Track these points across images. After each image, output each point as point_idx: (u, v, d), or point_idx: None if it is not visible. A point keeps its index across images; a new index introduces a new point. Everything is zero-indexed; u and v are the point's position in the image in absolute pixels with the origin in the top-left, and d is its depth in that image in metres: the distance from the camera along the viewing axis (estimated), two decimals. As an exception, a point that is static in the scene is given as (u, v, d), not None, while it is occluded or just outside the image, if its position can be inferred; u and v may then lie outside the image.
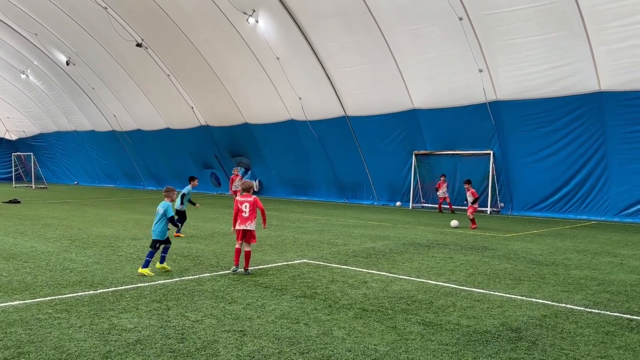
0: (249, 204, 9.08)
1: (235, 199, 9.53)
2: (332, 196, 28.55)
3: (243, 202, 9.10)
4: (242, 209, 9.06)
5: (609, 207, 19.62)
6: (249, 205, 9.08)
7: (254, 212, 9.14)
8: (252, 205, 9.09)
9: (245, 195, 9.25)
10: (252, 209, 9.09)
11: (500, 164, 22.19)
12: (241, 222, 9.03)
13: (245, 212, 9.03)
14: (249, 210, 9.05)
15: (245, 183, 9.49)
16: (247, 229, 9.02)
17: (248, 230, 9.03)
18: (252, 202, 9.10)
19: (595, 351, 5.51)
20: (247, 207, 9.06)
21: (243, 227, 9.01)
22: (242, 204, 9.09)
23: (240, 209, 9.07)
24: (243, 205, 9.08)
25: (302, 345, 5.50)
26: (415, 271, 9.59)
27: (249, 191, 9.31)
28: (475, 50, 20.30)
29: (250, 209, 9.05)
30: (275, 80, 27.24)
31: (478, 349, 5.53)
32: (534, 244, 13.27)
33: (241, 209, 9.07)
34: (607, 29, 17.47)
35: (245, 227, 9.01)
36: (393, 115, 24.55)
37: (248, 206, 9.07)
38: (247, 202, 9.09)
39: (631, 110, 18.39)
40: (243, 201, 9.11)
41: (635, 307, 7.32)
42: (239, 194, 9.36)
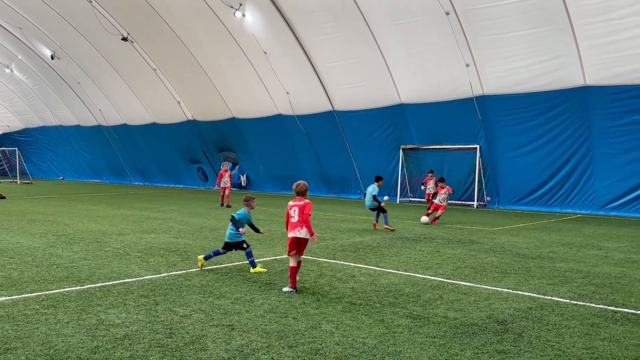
0: (298, 209, 7.88)
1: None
2: (320, 191, 28.56)
3: (292, 207, 7.95)
4: (291, 214, 7.95)
5: (593, 200, 19.85)
6: (298, 209, 7.88)
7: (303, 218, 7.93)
8: (301, 210, 7.89)
9: (297, 199, 8.02)
10: (301, 213, 7.90)
11: (486, 158, 22.34)
12: (290, 228, 7.88)
13: (294, 217, 7.86)
14: (298, 214, 7.86)
15: (299, 185, 8.13)
16: (299, 237, 7.78)
17: (301, 238, 7.79)
18: (301, 207, 7.86)
19: (580, 343, 5.59)
20: (296, 211, 7.88)
21: (293, 234, 7.80)
22: (292, 209, 7.96)
23: (289, 215, 7.97)
24: (292, 209, 7.94)
25: (291, 339, 5.52)
26: (402, 265, 9.65)
27: (303, 195, 8.07)
28: (462, 45, 20.38)
29: (299, 214, 7.87)
30: (262, 74, 27.15)
31: (465, 341, 5.59)
32: (520, 238, 13.40)
33: (290, 214, 7.96)
34: (592, 24, 17.62)
35: (295, 234, 7.80)
36: (380, 109, 24.60)
37: (297, 211, 7.88)
38: (297, 206, 7.89)
39: (615, 105, 18.60)
40: (293, 205, 7.97)
41: (619, 299, 7.42)
42: (291, 202, 8.06)
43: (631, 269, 9.60)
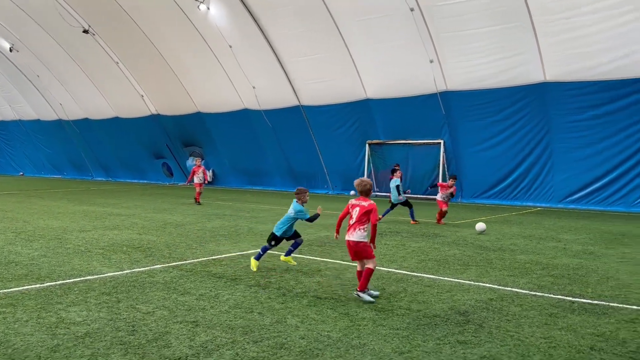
0: (359, 209, 7.10)
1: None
2: (287, 185, 28.54)
3: (355, 206, 7.18)
4: (351, 213, 7.20)
5: (553, 194, 20.39)
6: (359, 210, 7.09)
7: (362, 220, 7.09)
8: (362, 213, 7.08)
9: (361, 198, 7.25)
10: (361, 215, 7.09)
11: (450, 153, 22.69)
12: (348, 229, 7.17)
13: (353, 219, 7.13)
14: (357, 216, 7.09)
15: (363, 183, 7.30)
16: (353, 240, 7.07)
17: (355, 242, 7.05)
18: (364, 209, 7.08)
19: (539, 332, 5.74)
20: (356, 212, 7.11)
21: (347, 237, 7.13)
22: (353, 208, 7.18)
23: (349, 214, 7.24)
24: (354, 209, 7.17)
25: (256, 334, 5.52)
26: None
27: (368, 194, 7.27)
28: (426, 41, 20.62)
29: (359, 215, 7.09)
30: (228, 69, 26.92)
31: (427, 332, 5.69)
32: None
33: (350, 213, 7.21)
34: (552, 21, 18.05)
35: (348, 237, 7.12)
36: (347, 104, 24.70)
37: (358, 212, 7.10)
38: (359, 206, 7.13)
39: (573, 100, 19.12)
40: (355, 204, 7.19)
41: (577, 289, 7.65)
42: (353, 200, 7.32)
43: (588, 260, 9.91)
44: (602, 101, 18.72)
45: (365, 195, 7.27)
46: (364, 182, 7.30)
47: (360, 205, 7.13)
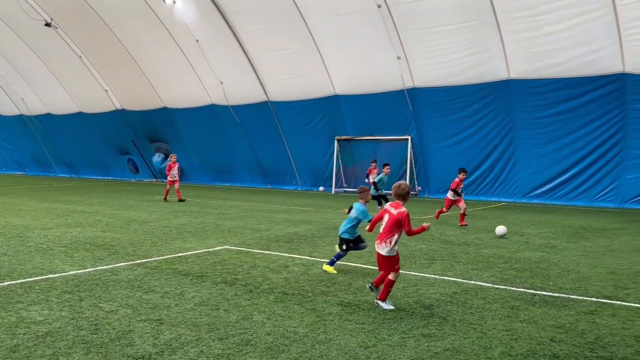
0: (388, 218, 6.31)
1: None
2: (255, 182, 28.43)
3: (384, 213, 6.43)
4: (382, 219, 6.47)
5: (517, 189, 20.81)
6: (388, 219, 6.31)
7: (392, 231, 6.28)
8: (391, 222, 6.26)
9: (396, 203, 6.41)
10: (391, 225, 6.26)
11: (417, 148, 22.93)
12: (378, 238, 6.39)
13: (382, 227, 6.36)
14: (385, 226, 6.29)
15: (400, 187, 6.45)
16: (381, 254, 6.36)
17: (383, 256, 6.36)
18: (395, 217, 6.25)
19: (501, 325, 5.86)
20: (385, 220, 6.37)
21: (376, 250, 6.39)
22: (384, 214, 6.42)
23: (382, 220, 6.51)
24: (385, 215, 6.40)
25: (222, 331, 5.49)
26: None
27: (404, 199, 6.41)
28: (393, 38, 20.76)
29: (387, 226, 6.28)
30: (195, 63, 26.62)
31: (392, 326, 5.74)
32: (448, 225, 13.87)
33: (382, 219, 6.48)
34: (516, 19, 18.39)
35: (378, 250, 6.36)
36: (315, 100, 24.71)
37: (387, 221, 6.31)
38: (389, 214, 6.33)
39: (537, 98, 19.55)
40: (386, 211, 6.42)
41: (538, 282, 7.83)
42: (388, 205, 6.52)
43: (550, 253, 10.15)
44: (564, 98, 19.19)
45: (402, 199, 6.41)
46: (400, 185, 6.44)
47: (389, 213, 6.31)
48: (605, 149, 19.09)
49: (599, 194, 19.32)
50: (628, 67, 17.70)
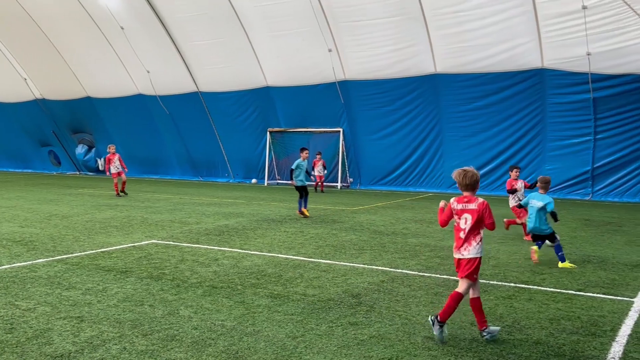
0: (471, 216, 5.11)
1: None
2: (186, 174, 27.86)
3: (462, 213, 5.16)
4: (458, 225, 5.19)
5: (443, 180, 21.51)
6: (471, 218, 5.10)
7: (477, 230, 5.14)
8: (475, 217, 5.10)
9: (466, 197, 5.21)
10: (475, 223, 5.10)
11: (349, 141, 23.21)
12: (456, 244, 5.23)
13: (465, 231, 5.11)
14: (470, 225, 5.10)
15: (467, 174, 5.21)
16: (465, 258, 5.15)
17: (469, 259, 5.14)
18: (476, 212, 5.10)
19: (425, 311, 6.04)
20: (468, 221, 5.11)
21: (458, 255, 5.21)
22: (461, 215, 5.17)
23: (457, 226, 5.22)
24: (462, 217, 5.16)
25: (146, 327, 5.35)
26: (267, 246, 9.74)
27: (474, 189, 5.19)
28: (324, 30, 20.86)
29: (472, 224, 5.10)
30: (120, 52, 25.68)
31: (321, 316, 5.80)
32: (378, 216, 14.15)
33: (458, 224, 5.21)
34: (441, 14, 18.92)
35: (461, 255, 5.18)
36: (247, 92, 24.47)
37: (470, 220, 5.10)
38: (469, 212, 5.13)
39: (462, 92, 20.26)
40: (462, 210, 5.17)
41: (460, 269, 8.13)
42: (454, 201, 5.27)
43: (472, 241, 10.54)
44: (487, 92, 19.97)
45: (472, 190, 5.20)
46: (468, 173, 5.20)
47: (469, 211, 5.12)
48: (525, 141, 20.04)
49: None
50: (546, 63, 18.63)
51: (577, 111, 18.89)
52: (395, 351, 4.86)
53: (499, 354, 4.83)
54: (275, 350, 4.83)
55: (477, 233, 5.15)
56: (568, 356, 4.81)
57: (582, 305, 6.36)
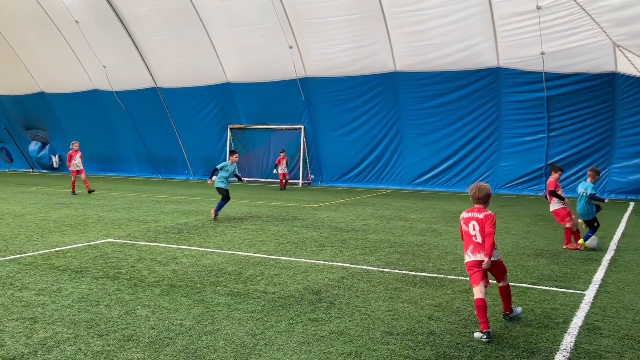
0: (477, 224, 5.57)
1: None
2: (144, 172, 27.35)
3: (470, 220, 5.63)
4: (469, 232, 5.63)
5: (403, 176, 21.78)
6: (478, 225, 5.56)
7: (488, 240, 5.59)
8: (482, 226, 5.55)
9: (476, 208, 5.67)
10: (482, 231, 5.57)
11: (310, 138, 23.22)
12: (474, 249, 5.57)
13: (476, 236, 5.58)
14: (479, 231, 5.57)
15: (480, 189, 5.69)
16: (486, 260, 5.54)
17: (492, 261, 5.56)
18: (481, 222, 5.55)
19: (384, 306, 6.12)
20: (476, 227, 5.57)
21: (478, 258, 5.52)
22: (469, 223, 5.63)
23: (467, 232, 5.65)
24: (470, 224, 5.62)
25: (102, 328, 5.24)
26: (227, 244, 9.67)
27: (485, 203, 5.68)
28: (285, 27, 20.79)
29: (480, 230, 5.57)
30: (75, 46, 24.99)
31: (281, 313, 5.80)
32: (339, 213, 14.22)
33: (467, 231, 5.64)
34: (400, 13, 19.12)
35: (476, 259, 5.55)
36: (207, 87, 24.18)
37: (478, 226, 5.56)
38: (476, 219, 5.59)
39: (421, 90, 20.53)
40: (470, 218, 5.64)
41: (419, 265, 8.26)
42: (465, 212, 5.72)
43: (430, 237, 10.74)
44: (445, 90, 20.30)
45: (483, 204, 5.68)
46: (480, 188, 5.72)
47: (476, 219, 5.59)
48: (482, 138, 20.47)
49: (477, 181, 20.68)
50: (502, 62, 19.06)
51: (531, 109, 19.41)
52: (355, 346, 4.90)
53: (455, 347, 4.93)
54: (235, 348, 4.81)
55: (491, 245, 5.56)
56: (522, 348, 4.96)
57: (536, 298, 6.55)
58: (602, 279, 7.49)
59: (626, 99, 18.01)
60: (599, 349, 4.93)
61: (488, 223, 5.53)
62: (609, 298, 6.57)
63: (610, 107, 18.44)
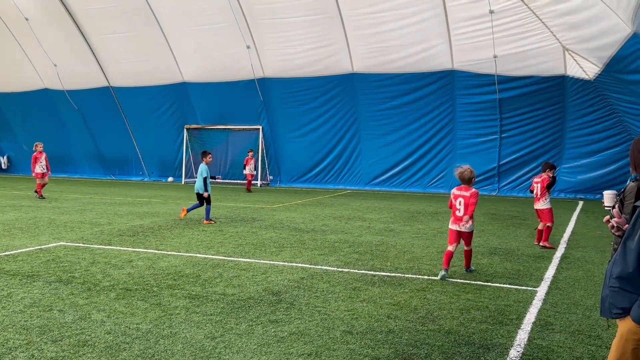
0: (463, 200, 7.45)
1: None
2: (96, 173, 26.69)
3: (458, 197, 7.53)
4: (455, 206, 7.52)
5: (361, 177, 21.97)
6: (463, 201, 7.45)
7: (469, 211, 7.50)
8: (467, 202, 7.44)
9: (463, 187, 7.58)
10: (467, 206, 7.46)
11: (269, 138, 23.16)
12: (454, 220, 7.54)
13: (460, 210, 7.45)
14: (464, 207, 7.43)
15: (463, 171, 7.60)
16: (463, 231, 7.51)
17: (464, 232, 7.53)
18: (466, 198, 7.44)
19: (343, 306, 6.16)
20: (461, 203, 7.46)
21: (456, 228, 7.51)
22: (457, 199, 7.53)
23: (453, 205, 7.56)
24: (457, 200, 7.51)
25: (55, 333, 5.09)
26: (184, 246, 9.53)
27: (469, 183, 7.58)
28: (242, 27, 20.66)
29: (465, 207, 7.44)
30: (24, 44, 24.19)
31: (241, 315, 5.76)
32: (298, 213, 14.23)
33: (454, 205, 7.53)
34: (358, 15, 19.29)
35: (458, 228, 7.49)
36: (162, 87, 23.79)
37: (463, 203, 7.45)
38: (462, 197, 7.49)
39: (378, 91, 20.77)
40: (458, 195, 7.54)
41: (378, 264, 8.35)
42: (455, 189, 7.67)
43: (389, 237, 10.87)
44: (402, 92, 20.59)
45: (467, 183, 7.56)
46: (463, 170, 7.56)
47: (463, 196, 7.50)
48: (437, 139, 20.85)
49: (432, 181, 21.08)
50: (456, 64, 19.46)
51: (485, 111, 19.89)
52: (315, 347, 4.92)
53: (413, 345, 5.01)
54: (194, 351, 4.75)
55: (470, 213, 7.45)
56: (478, 344, 5.08)
57: (490, 295, 6.72)
58: (553, 276, 7.75)
59: (575, 101, 18.67)
60: (552, 344, 5.10)
61: (472, 197, 7.46)
62: (560, 294, 6.80)
63: (560, 109, 19.09)
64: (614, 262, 3.05)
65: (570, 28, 16.16)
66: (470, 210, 7.40)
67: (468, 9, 17.97)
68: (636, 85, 14.35)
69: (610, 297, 3.02)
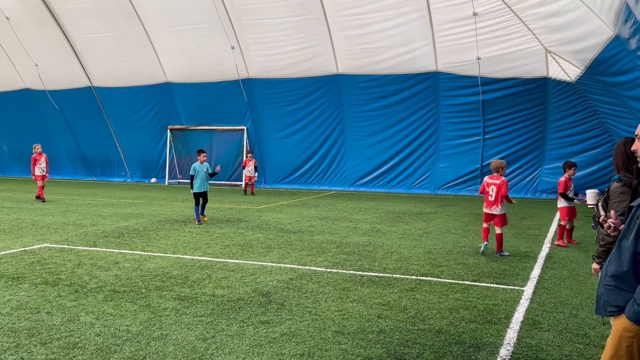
0: (495, 188, 8.91)
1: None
2: (78, 174, 26.39)
3: (490, 185, 9.02)
4: (488, 192, 9.00)
5: (346, 178, 22.02)
6: (495, 189, 8.91)
7: (500, 197, 8.92)
8: (497, 188, 8.88)
9: (494, 176, 9.03)
10: (498, 192, 8.89)
11: (253, 139, 23.09)
12: (487, 205, 9.02)
13: (492, 196, 8.95)
14: (495, 192, 8.90)
15: (495, 161, 9.18)
16: (495, 214, 8.96)
17: (496, 215, 8.95)
18: (498, 186, 8.88)
19: (333, 306, 6.17)
20: (493, 190, 8.93)
21: (489, 211, 9.01)
22: (489, 187, 9.02)
23: (486, 192, 9.04)
24: (490, 187, 9.00)
25: (44, 335, 5.03)
26: (171, 247, 9.47)
27: (498, 171, 9.01)
28: (227, 27, 20.58)
29: (496, 192, 8.88)
30: (5, 43, 23.85)
31: (231, 316, 5.75)
32: (284, 214, 14.21)
33: (487, 191, 9.02)
34: (343, 16, 19.33)
35: (491, 211, 8.99)
36: (145, 87, 23.59)
37: (495, 190, 8.91)
38: (494, 185, 8.94)
39: (363, 92, 20.83)
40: (490, 183, 9.04)
41: (366, 264, 8.38)
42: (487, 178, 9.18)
43: (375, 237, 10.92)
44: (386, 93, 20.67)
45: (497, 172, 9.02)
46: (495, 161, 9.22)
47: (495, 184, 8.94)
48: (421, 140, 20.97)
49: (417, 182, 21.21)
50: (440, 66, 19.60)
51: (468, 112, 20.06)
52: (307, 347, 4.92)
53: (404, 344, 5.04)
54: (185, 353, 4.73)
55: (500, 199, 8.87)
56: (468, 343, 5.13)
57: (478, 294, 6.79)
58: (539, 276, 7.85)
59: (557, 102, 18.92)
60: (541, 343, 5.17)
61: (503, 186, 8.85)
62: (546, 294, 6.90)
63: (542, 111, 19.33)
64: (609, 261, 3.11)
65: (552, 30, 16.37)
66: (505, 197, 8.86)
67: (452, 11, 18.11)
68: (617, 87, 14.58)
69: (606, 295, 3.08)
